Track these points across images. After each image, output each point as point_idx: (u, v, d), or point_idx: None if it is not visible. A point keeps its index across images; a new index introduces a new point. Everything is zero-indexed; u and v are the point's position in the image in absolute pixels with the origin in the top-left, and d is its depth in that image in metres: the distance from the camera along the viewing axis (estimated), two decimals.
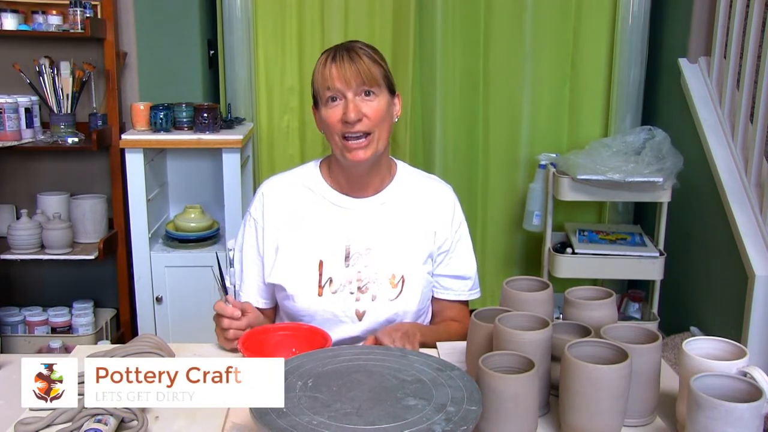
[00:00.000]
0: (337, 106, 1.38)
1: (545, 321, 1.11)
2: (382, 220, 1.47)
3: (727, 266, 2.41)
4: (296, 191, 1.50)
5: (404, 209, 1.48)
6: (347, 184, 1.47)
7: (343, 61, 1.37)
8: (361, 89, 1.37)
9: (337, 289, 1.43)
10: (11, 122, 2.55)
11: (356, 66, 1.37)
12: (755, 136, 2.37)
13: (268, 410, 0.92)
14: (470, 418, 0.91)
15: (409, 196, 1.50)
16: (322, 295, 1.43)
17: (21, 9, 2.67)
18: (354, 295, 1.43)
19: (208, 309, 1.54)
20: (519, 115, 3.20)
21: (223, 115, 2.82)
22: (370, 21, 3.08)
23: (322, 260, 1.44)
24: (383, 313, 1.43)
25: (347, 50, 1.39)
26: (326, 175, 1.50)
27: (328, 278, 1.43)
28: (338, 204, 1.47)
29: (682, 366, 1.04)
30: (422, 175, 1.56)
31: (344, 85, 1.36)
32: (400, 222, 1.47)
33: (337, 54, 1.38)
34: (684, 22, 2.86)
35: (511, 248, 3.36)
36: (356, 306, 1.43)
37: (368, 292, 1.43)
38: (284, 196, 1.49)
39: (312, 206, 1.48)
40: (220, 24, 3.02)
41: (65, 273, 2.98)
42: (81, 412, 1.03)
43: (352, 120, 1.36)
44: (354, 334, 1.43)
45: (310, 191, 1.49)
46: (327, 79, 1.37)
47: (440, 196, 1.54)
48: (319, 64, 1.40)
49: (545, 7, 3.10)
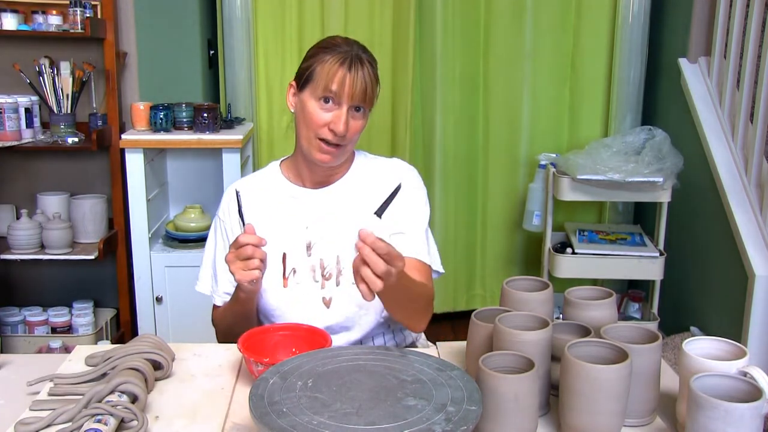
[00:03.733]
0: (328, 110, 1.37)
1: (545, 321, 1.11)
2: (340, 208, 1.48)
3: (727, 266, 2.42)
4: (258, 191, 1.52)
5: (360, 194, 1.49)
6: (309, 176, 1.48)
7: (357, 72, 1.36)
8: (356, 105, 1.38)
9: (301, 280, 1.44)
10: (11, 122, 2.55)
11: (364, 81, 1.36)
12: (755, 136, 2.37)
13: (268, 410, 0.92)
14: (470, 418, 0.91)
15: (367, 180, 1.50)
16: (287, 286, 1.44)
17: (21, 9, 2.67)
18: (318, 283, 1.44)
19: (208, 309, 1.54)
20: (519, 115, 3.20)
21: (223, 115, 2.82)
22: (370, 21, 3.08)
23: (286, 252, 1.45)
24: (350, 299, 1.42)
25: (360, 61, 1.37)
26: (286, 171, 1.52)
27: (292, 269, 1.45)
28: (297, 197, 1.49)
29: (682, 366, 1.04)
30: (381, 159, 1.55)
31: (348, 97, 1.36)
32: (358, 207, 1.47)
33: (353, 63, 1.36)
34: (684, 22, 2.86)
35: (511, 248, 3.37)
36: (322, 293, 1.44)
37: (332, 278, 1.44)
38: (247, 196, 1.50)
39: (273, 202, 1.50)
40: (220, 24, 3.02)
41: (65, 273, 2.98)
42: (81, 412, 1.03)
43: (341, 133, 1.36)
44: (327, 324, 1.43)
45: (271, 188, 1.51)
46: (335, 82, 1.35)
47: (397, 173, 1.51)
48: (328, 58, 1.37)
49: (545, 7, 3.10)
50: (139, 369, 1.16)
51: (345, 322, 1.43)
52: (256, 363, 1.16)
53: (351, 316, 1.43)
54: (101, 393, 1.06)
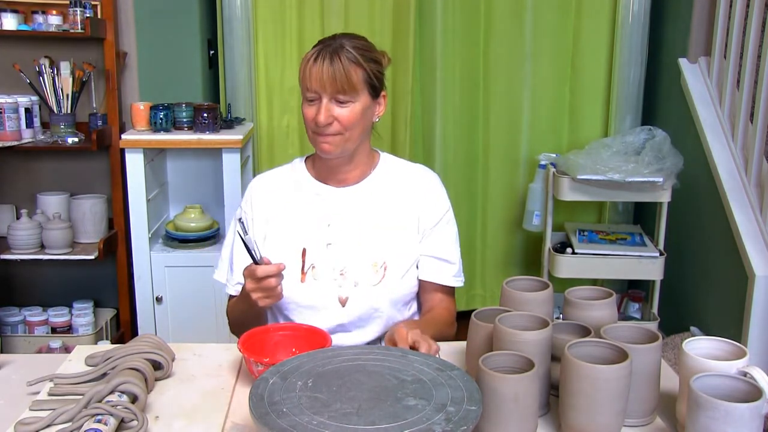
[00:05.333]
0: (313, 106, 1.41)
1: (545, 321, 1.11)
2: (363, 208, 1.49)
3: (727, 266, 2.41)
4: (282, 185, 1.54)
5: (387, 196, 1.51)
6: (327, 173, 1.51)
7: (323, 63, 1.37)
8: (335, 96, 1.39)
9: (319, 276, 1.45)
10: (11, 122, 2.55)
11: (334, 71, 1.37)
12: (755, 136, 2.37)
13: (268, 410, 0.92)
14: (470, 418, 0.91)
15: (392, 183, 1.53)
16: (305, 281, 1.45)
17: (21, 9, 2.67)
18: (337, 281, 1.45)
19: (208, 309, 1.55)
20: (519, 115, 3.20)
21: (223, 115, 2.82)
22: (370, 21, 3.08)
23: (306, 248, 1.47)
24: (366, 300, 1.44)
25: (332, 51, 1.38)
26: (310, 167, 1.55)
27: (311, 265, 1.46)
28: (320, 193, 1.51)
29: (682, 366, 1.04)
30: (406, 163, 1.59)
31: (320, 88, 1.38)
32: (383, 209, 1.49)
33: (320, 55, 1.38)
34: (684, 22, 2.86)
35: (511, 248, 3.37)
36: (339, 292, 1.45)
37: (350, 278, 1.45)
38: (271, 190, 1.54)
39: (297, 197, 1.52)
40: (220, 24, 3.02)
41: (65, 273, 2.98)
42: (81, 412, 1.03)
43: (322, 124, 1.39)
44: (340, 322, 1.45)
45: (295, 183, 1.53)
46: (306, 79, 1.39)
47: (424, 181, 1.56)
48: (305, 58, 1.42)
49: (545, 7, 3.10)
50: (139, 369, 1.16)
51: (359, 321, 1.45)
52: (256, 363, 1.16)
53: (365, 316, 1.45)
54: (101, 393, 1.06)
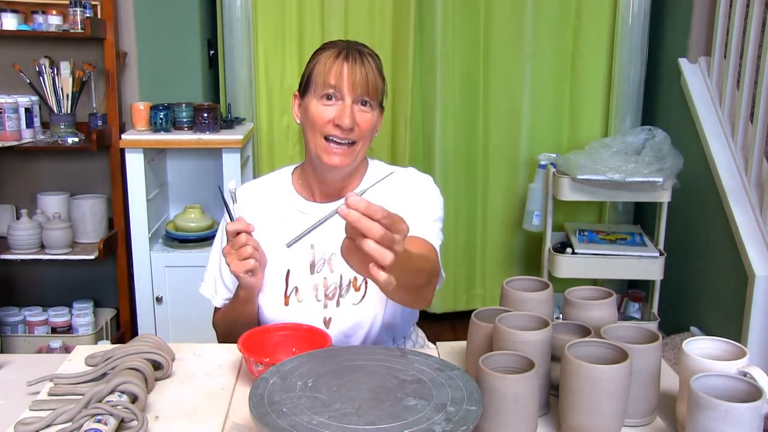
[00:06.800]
0: (331, 106, 1.32)
1: (545, 321, 1.11)
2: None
3: (727, 266, 2.42)
4: (267, 198, 1.46)
5: None
6: (319, 189, 1.42)
7: (354, 63, 1.32)
8: (362, 98, 1.33)
9: (304, 298, 1.39)
10: (11, 122, 2.55)
11: (366, 72, 1.32)
12: (755, 136, 2.37)
13: (268, 410, 0.92)
14: (470, 418, 0.91)
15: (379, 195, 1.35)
16: (289, 305, 1.39)
17: (21, 9, 2.67)
18: (321, 303, 1.39)
19: (208, 309, 1.54)
20: (519, 115, 3.20)
21: (223, 115, 2.82)
22: (370, 21, 3.08)
23: (289, 269, 1.40)
24: (349, 319, 1.38)
25: (359, 53, 1.33)
26: (296, 181, 1.46)
27: (294, 287, 1.40)
28: (303, 211, 1.42)
29: (682, 366, 1.04)
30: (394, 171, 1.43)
31: (349, 89, 1.31)
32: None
33: (350, 54, 1.32)
34: (684, 22, 2.86)
35: (511, 248, 3.37)
36: (323, 314, 1.39)
37: (333, 298, 1.39)
38: (256, 203, 1.46)
39: (280, 215, 1.44)
40: (220, 24, 3.02)
41: (65, 273, 2.98)
42: (81, 412, 1.03)
43: (347, 126, 1.31)
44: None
45: (279, 199, 1.45)
46: (332, 76, 1.31)
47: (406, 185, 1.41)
48: (324, 55, 1.35)
49: (545, 7, 3.10)
50: (139, 369, 1.15)
51: (344, 338, 1.39)
52: (256, 363, 1.16)
53: (350, 332, 1.39)
54: (101, 393, 1.06)
